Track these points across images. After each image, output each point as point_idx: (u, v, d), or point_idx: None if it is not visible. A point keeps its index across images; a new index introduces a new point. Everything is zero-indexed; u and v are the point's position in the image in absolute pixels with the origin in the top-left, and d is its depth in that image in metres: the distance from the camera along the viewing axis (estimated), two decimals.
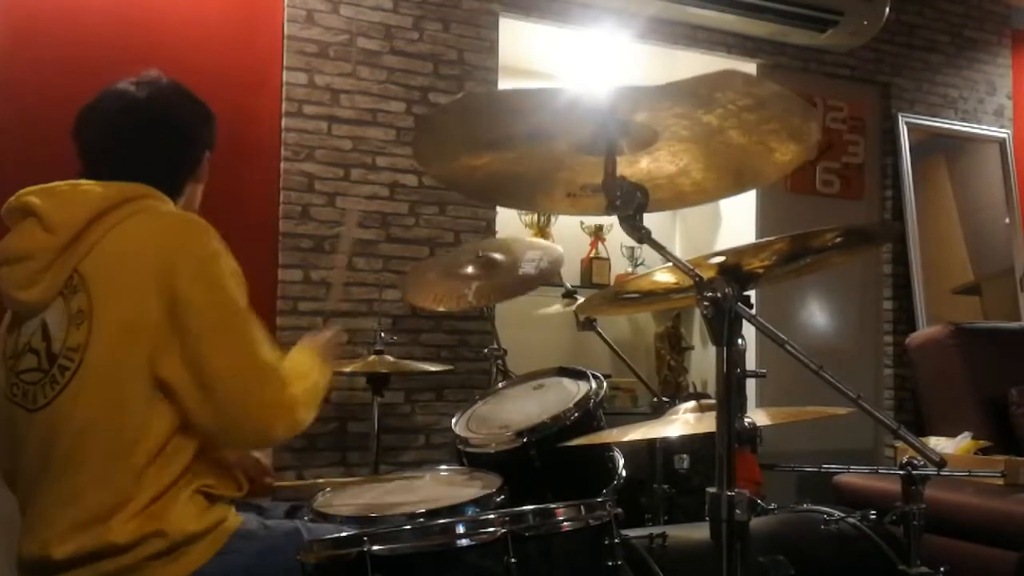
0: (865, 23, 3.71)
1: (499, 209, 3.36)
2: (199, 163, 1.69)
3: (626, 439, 1.91)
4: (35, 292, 1.47)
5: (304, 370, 1.61)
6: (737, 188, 1.54)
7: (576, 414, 2.00)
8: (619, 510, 1.47)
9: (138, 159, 1.59)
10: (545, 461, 1.94)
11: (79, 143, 1.62)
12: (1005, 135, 4.48)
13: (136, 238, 1.47)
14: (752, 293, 1.26)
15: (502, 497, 1.73)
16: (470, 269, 2.65)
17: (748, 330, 1.16)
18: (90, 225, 1.47)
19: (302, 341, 1.75)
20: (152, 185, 1.56)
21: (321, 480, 2.30)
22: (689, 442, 2.48)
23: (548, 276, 2.67)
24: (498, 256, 2.64)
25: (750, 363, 1.18)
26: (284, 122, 3.02)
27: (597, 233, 3.91)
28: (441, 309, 2.70)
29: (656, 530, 1.76)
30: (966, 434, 3.38)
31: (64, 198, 1.50)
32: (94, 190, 1.51)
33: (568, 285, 3.03)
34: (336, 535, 1.40)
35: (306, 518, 1.73)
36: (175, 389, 1.44)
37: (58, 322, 1.47)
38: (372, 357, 2.61)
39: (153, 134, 1.63)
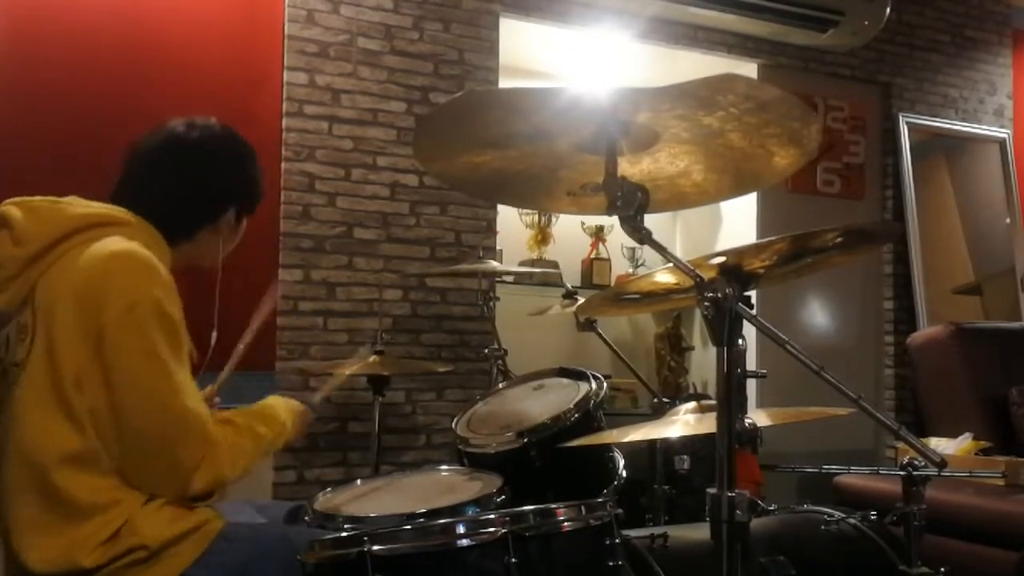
0: (866, 23, 3.71)
1: (500, 209, 3.36)
2: (219, 214, 1.67)
3: (626, 440, 1.91)
4: (1, 300, 1.48)
5: (258, 424, 1.59)
6: (737, 190, 1.54)
7: (576, 415, 2.00)
8: (619, 510, 1.47)
9: (156, 191, 1.60)
10: (545, 461, 1.94)
11: (121, 168, 1.64)
12: (1005, 135, 4.48)
13: (81, 265, 1.45)
14: (753, 293, 1.26)
15: (503, 497, 1.72)
16: None
17: (748, 330, 1.16)
18: (58, 243, 1.47)
19: (286, 399, 1.74)
20: (157, 219, 1.57)
21: None
22: (689, 443, 2.48)
23: None
24: None
25: (750, 363, 1.19)
26: (285, 122, 3.02)
27: (598, 234, 3.91)
28: None
29: (657, 530, 1.76)
30: (967, 435, 3.37)
31: (39, 213, 1.50)
32: (70, 209, 1.52)
33: (568, 286, 3.03)
34: (336, 535, 1.40)
35: (306, 518, 1.73)
36: (97, 423, 1.42)
37: (14, 335, 1.48)
38: (373, 357, 2.61)
39: (180, 171, 1.63)
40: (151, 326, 1.42)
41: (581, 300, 2.85)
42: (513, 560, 1.30)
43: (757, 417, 1.88)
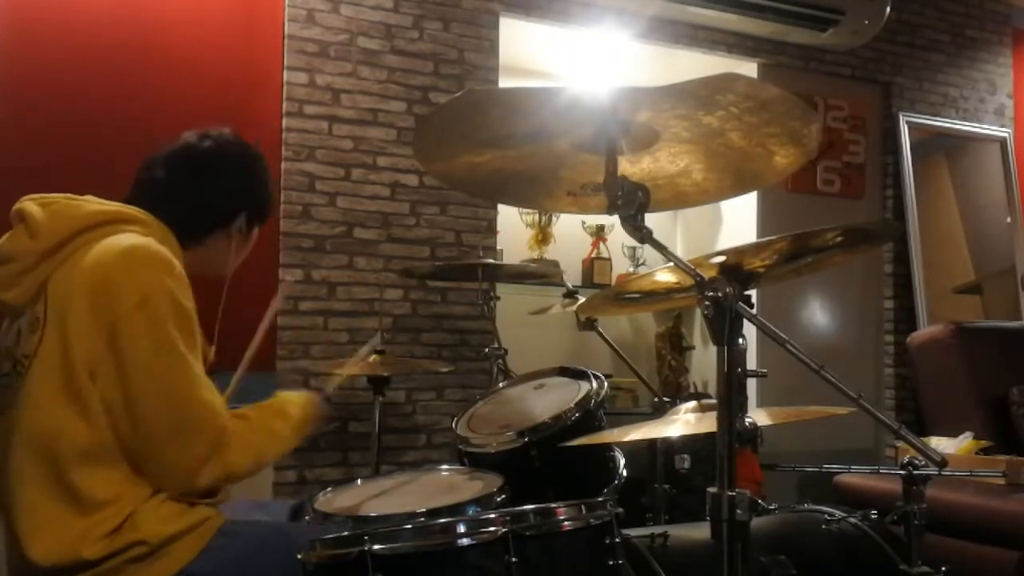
0: (866, 22, 3.71)
1: (500, 209, 3.36)
2: (231, 218, 1.69)
3: (627, 439, 1.91)
4: (14, 294, 1.50)
5: (272, 419, 1.59)
6: (737, 190, 1.55)
7: (577, 414, 2.00)
8: (620, 509, 1.47)
9: (170, 193, 1.62)
10: (546, 461, 1.94)
11: (136, 174, 1.67)
12: (1006, 134, 4.48)
13: (93, 260, 1.47)
14: (753, 292, 1.26)
15: (503, 497, 1.73)
16: None
17: (749, 330, 1.16)
18: (71, 239, 1.49)
19: (298, 393, 1.72)
20: (171, 221, 1.59)
21: None
22: (690, 442, 2.48)
23: None
24: None
25: (751, 363, 1.19)
26: (285, 122, 3.02)
27: (598, 233, 3.91)
28: None
29: (657, 530, 1.77)
30: (967, 434, 3.37)
31: (55, 208, 1.52)
32: (86, 206, 1.54)
33: (569, 285, 3.03)
34: (337, 535, 1.40)
35: (307, 518, 1.73)
36: (110, 414, 1.43)
37: (25, 327, 1.50)
38: (373, 357, 2.61)
39: (192, 174, 1.65)
40: (164, 318, 1.44)
41: (582, 299, 2.86)
42: (513, 559, 1.30)
43: (757, 416, 1.88)
